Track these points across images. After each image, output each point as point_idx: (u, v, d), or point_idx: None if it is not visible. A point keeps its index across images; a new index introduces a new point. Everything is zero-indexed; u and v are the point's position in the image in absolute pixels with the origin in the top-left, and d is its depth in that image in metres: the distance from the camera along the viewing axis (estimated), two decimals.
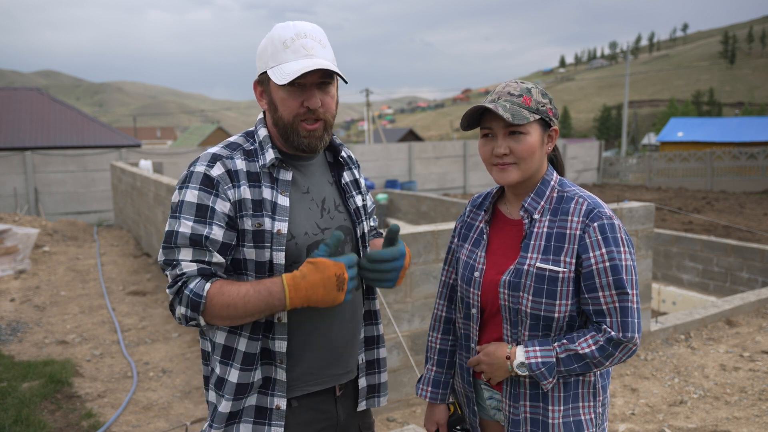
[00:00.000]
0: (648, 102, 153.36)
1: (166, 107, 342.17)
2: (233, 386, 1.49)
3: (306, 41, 1.49)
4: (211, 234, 1.44)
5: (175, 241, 1.44)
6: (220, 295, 1.40)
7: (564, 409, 1.55)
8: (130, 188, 10.40)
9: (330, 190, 1.66)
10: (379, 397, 1.77)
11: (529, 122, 1.51)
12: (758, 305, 5.82)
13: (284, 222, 1.50)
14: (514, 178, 1.56)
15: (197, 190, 1.47)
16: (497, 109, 1.49)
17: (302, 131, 1.51)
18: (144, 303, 6.53)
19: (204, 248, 1.44)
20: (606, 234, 1.49)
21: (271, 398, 1.52)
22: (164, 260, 1.46)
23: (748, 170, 21.93)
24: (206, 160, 1.50)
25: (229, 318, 1.42)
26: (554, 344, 1.51)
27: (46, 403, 4.03)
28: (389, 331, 3.76)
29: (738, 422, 3.59)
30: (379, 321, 1.77)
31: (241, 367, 1.49)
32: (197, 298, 1.40)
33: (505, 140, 1.54)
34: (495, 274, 1.60)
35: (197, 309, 1.41)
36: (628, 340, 1.49)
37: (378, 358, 1.77)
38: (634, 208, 4.74)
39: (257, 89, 1.59)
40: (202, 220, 1.45)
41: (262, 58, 1.52)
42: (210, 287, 1.41)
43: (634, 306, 1.50)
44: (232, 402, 1.50)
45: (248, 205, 1.48)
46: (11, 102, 21.74)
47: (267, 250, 1.48)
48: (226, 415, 1.50)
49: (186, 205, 1.46)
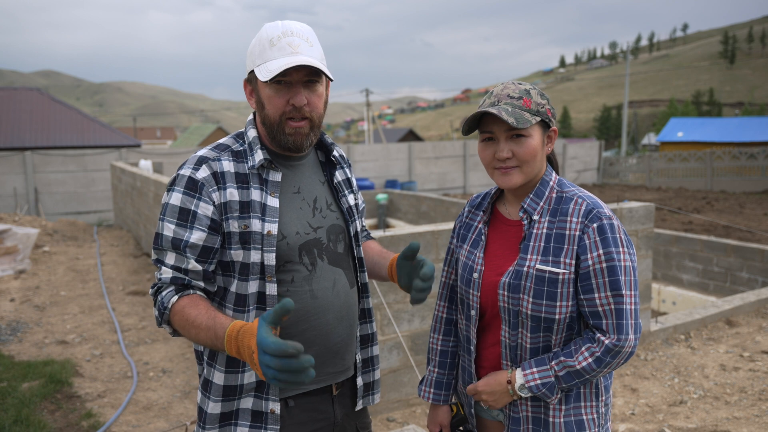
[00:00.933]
0: (648, 102, 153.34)
1: (166, 107, 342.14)
2: (219, 388, 1.51)
3: (292, 39, 1.50)
4: (191, 239, 1.47)
5: (160, 243, 1.50)
6: (180, 314, 1.43)
7: (566, 408, 1.55)
8: (130, 188, 10.40)
9: (322, 189, 1.66)
10: (373, 394, 1.78)
11: (531, 125, 1.51)
12: (758, 305, 5.82)
13: (274, 223, 1.50)
14: (517, 182, 1.55)
15: (181, 193, 1.49)
16: (501, 114, 1.48)
17: (288, 128, 1.52)
18: (144, 303, 6.53)
19: (183, 254, 1.47)
20: (605, 234, 1.48)
21: (265, 402, 1.52)
22: (154, 260, 1.52)
23: (748, 170, 21.93)
24: (192, 163, 1.52)
25: (184, 333, 1.45)
26: (551, 363, 1.51)
27: (46, 403, 4.03)
28: (389, 331, 3.76)
29: (738, 422, 3.59)
30: (372, 319, 1.78)
31: (226, 369, 1.51)
32: (163, 308, 1.46)
33: (507, 144, 1.53)
34: (494, 276, 1.59)
35: (162, 318, 1.47)
36: (623, 342, 1.47)
37: (372, 356, 1.78)
38: (634, 208, 4.74)
39: (247, 88, 1.60)
40: (183, 224, 1.48)
41: (251, 57, 1.53)
42: (176, 303, 1.45)
43: (631, 307, 1.49)
44: (221, 403, 1.51)
45: (234, 207, 1.49)
46: (11, 102, 21.75)
47: (257, 252, 1.49)
48: (217, 416, 1.51)
49: (170, 209, 1.49)
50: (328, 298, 1.58)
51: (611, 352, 1.47)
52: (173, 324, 1.46)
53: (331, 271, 1.60)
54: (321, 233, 1.60)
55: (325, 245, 1.61)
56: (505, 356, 1.59)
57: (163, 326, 1.50)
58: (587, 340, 1.50)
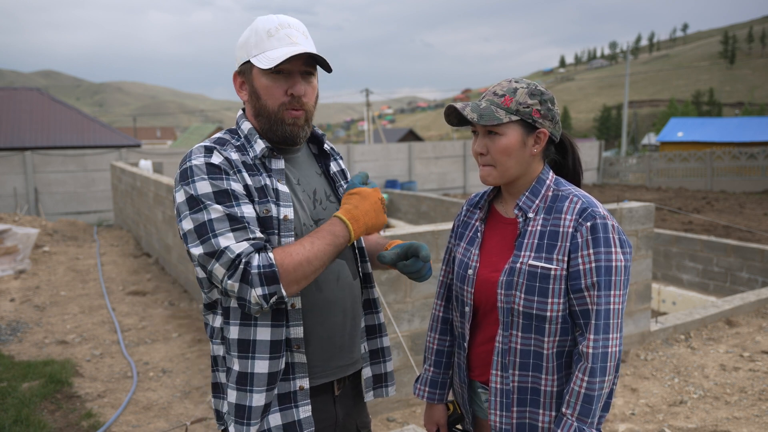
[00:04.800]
0: (648, 102, 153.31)
1: (166, 107, 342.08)
2: (264, 377, 1.45)
3: (290, 30, 1.50)
4: (245, 213, 1.39)
5: (211, 229, 1.35)
6: (288, 257, 1.35)
7: (556, 414, 1.54)
8: (130, 188, 10.40)
9: (319, 180, 1.66)
10: (387, 386, 1.75)
11: (503, 123, 1.50)
12: (758, 305, 5.82)
13: (289, 207, 1.49)
14: (491, 180, 1.57)
15: (207, 179, 1.40)
16: (464, 109, 1.51)
17: (287, 118, 1.51)
18: (144, 303, 6.53)
19: (245, 227, 1.37)
20: (597, 234, 1.47)
21: (293, 382, 1.50)
22: (204, 253, 1.35)
23: (748, 170, 21.92)
24: (201, 152, 1.46)
25: (304, 277, 1.37)
26: (564, 410, 1.48)
27: (46, 403, 4.03)
28: (389, 331, 3.76)
29: (738, 422, 3.59)
30: (379, 309, 1.76)
31: (270, 356, 1.45)
32: (270, 268, 1.32)
33: (483, 139, 1.55)
34: (489, 272, 1.59)
35: (276, 280, 1.32)
36: (608, 342, 1.45)
37: (382, 347, 1.75)
38: (634, 208, 4.74)
39: (237, 80, 1.58)
40: (229, 204, 1.38)
41: (244, 48, 1.52)
42: (274, 255, 1.35)
43: (618, 307, 1.47)
44: (265, 393, 1.45)
45: (253, 191, 1.46)
46: (11, 102, 21.74)
47: (274, 237, 1.46)
48: (261, 408, 1.46)
49: (204, 197, 1.38)
50: (333, 290, 1.57)
51: (599, 356, 1.45)
52: (287, 274, 1.34)
53: (334, 263, 1.58)
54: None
55: None
56: (496, 364, 1.57)
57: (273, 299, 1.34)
58: (576, 362, 1.49)
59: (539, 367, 1.53)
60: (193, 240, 1.37)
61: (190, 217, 1.38)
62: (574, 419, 1.46)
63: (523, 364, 1.54)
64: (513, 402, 1.55)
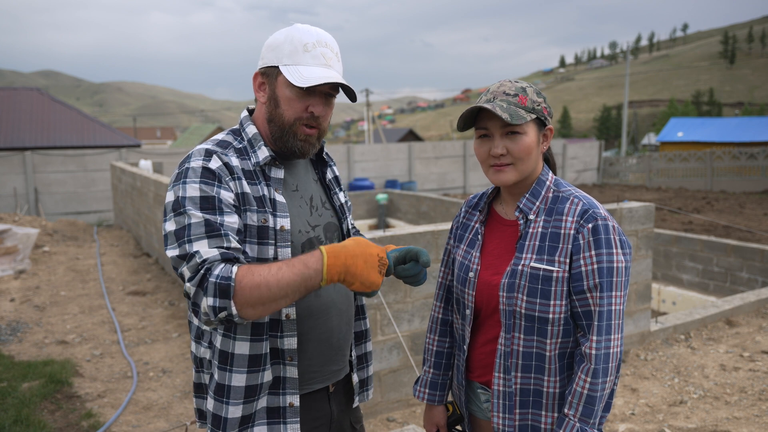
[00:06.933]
0: (648, 102, 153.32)
1: (166, 107, 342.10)
2: (241, 390, 1.44)
3: (326, 50, 1.50)
4: (225, 221, 1.37)
5: (188, 234, 1.34)
6: (249, 275, 1.28)
7: (558, 416, 1.54)
8: (130, 188, 10.40)
9: (316, 187, 1.67)
10: (367, 390, 1.78)
11: (526, 122, 1.51)
12: (758, 305, 5.82)
13: (286, 218, 1.49)
14: (510, 179, 1.54)
15: (198, 183, 1.39)
16: (495, 109, 1.48)
17: (300, 134, 1.51)
18: (144, 303, 6.53)
19: (221, 235, 1.35)
20: (599, 235, 1.47)
21: (282, 397, 1.50)
22: (177, 256, 1.34)
23: (748, 170, 21.93)
24: (201, 155, 1.45)
25: (261, 302, 1.29)
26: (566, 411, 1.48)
27: (46, 403, 4.03)
28: (389, 331, 3.76)
29: (738, 422, 3.59)
30: (365, 316, 1.78)
31: (248, 370, 1.44)
32: (225, 281, 1.27)
33: (503, 140, 1.53)
34: (490, 275, 1.59)
35: (227, 294, 1.27)
36: (610, 342, 1.46)
37: (366, 352, 1.78)
38: (634, 208, 4.74)
39: (258, 79, 1.55)
40: (211, 211, 1.37)
41: (276, 53, 1.50)
42: (237, 269, 1.30)
43: (619, 308, 1.48)
44: (242, 406, 1.45)
45: (251, 200, 1.45)
46: (11, 102, 21.75)
47: (270, 247, 1.46)
48: (238, 420, 1.46)
49: (189, 201, 1.37)
50: (330, 296, 1.58)
51: (602, 358, 1.45)
52: (243, 292, 1.27)
53: None
54: (319, 231, 1.60)
55: (324, 243, 1.61)
56: (498, 367, 1.57)
57: (222, 314, 1.28)
58: (578, 363, 1.49)
59: (542, 369, 1.53)
60: (171, 242, 1.37)
61: (174, 219, 1.38)
62: (576, 420, 1.46)
63: (525, 366, 1.54)
64: (516, 404, 1.55)
